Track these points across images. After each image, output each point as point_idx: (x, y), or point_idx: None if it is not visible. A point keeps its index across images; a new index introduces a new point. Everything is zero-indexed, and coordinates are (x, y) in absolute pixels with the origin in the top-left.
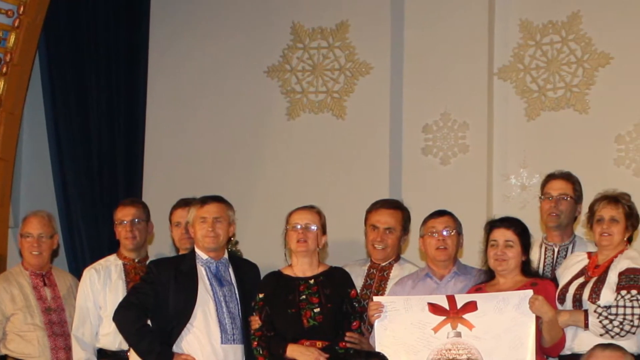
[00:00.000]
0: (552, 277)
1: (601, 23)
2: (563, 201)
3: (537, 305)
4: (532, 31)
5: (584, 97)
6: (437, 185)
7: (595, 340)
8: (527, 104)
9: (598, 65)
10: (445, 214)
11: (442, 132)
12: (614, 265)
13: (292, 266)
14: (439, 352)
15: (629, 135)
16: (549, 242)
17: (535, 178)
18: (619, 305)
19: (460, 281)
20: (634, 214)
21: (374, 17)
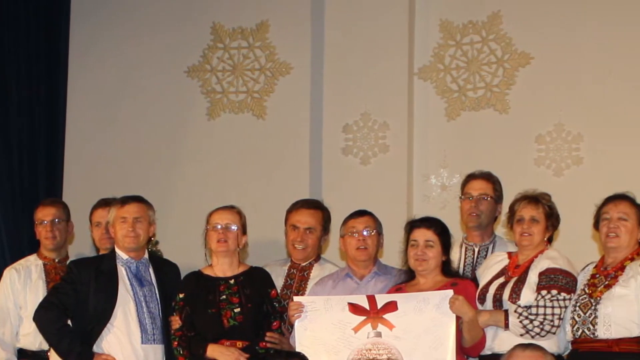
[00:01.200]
0: (473, 277)
1: (521, 23)
2: (483, 201)
3: (457, 305)
4: (452, 31)
5: (504, 97)
6: (357, 185)
7: (516, 340)
8: (447, 103)
9: (518, 65)
10: (365, 214)
11: (363, 132)
12: (534, 265)
13: (212, 266)
14: (359, 352)
15: (549, 135)
16: (469, 242)
17: (455, 178)
18: (539, 305)
19: (381, 281)
20: (554, 214)
21: (294, 17)
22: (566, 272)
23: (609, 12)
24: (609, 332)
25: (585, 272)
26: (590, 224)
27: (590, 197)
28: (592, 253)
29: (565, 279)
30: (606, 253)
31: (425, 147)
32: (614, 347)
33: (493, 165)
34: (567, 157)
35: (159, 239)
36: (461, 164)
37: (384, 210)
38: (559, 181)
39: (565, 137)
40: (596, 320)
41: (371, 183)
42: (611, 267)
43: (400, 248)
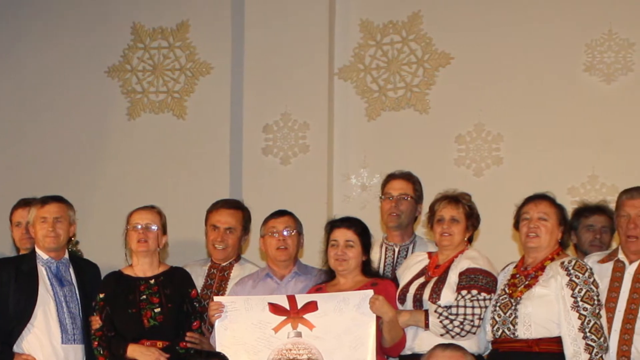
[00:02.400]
0: (393, 277)
1: (441, 23)
2: (403, 201)
3: (377, 305)
4: (372, 31)
5: (425, 97)
6: (277, 185)
7: (436, 340)
8: (367, 103)
9: (438, 65)
10: (285, 214)
11: (283, 132)
12: (454, 265)
13: (132, 266)
14: (279, 352)
15: (469, 136)
16: (390, 242)
17: (375, 178)
18: (459, 305)
19: (301, 281)
20: (475, 214)
21: (214, 17)
22: (486, 272)
23: (528, 13)
24: (529, 332)
25: (506, 272)
26: (510, 224)
27: (510, 197)
28: (512, 253)
29: (485, 279)
30: (526, 253)
31: (346, 147)
32: (534, 347)
33: (413, 165)
34: (487, 157)
35: (79, 239)
36: (381, 164)
37: (304, 210)
38: (479, 181)
39: (485, 137)
40: (516, 320)
41: (291, 183)
42: (531, 267)
43: (320, 248)
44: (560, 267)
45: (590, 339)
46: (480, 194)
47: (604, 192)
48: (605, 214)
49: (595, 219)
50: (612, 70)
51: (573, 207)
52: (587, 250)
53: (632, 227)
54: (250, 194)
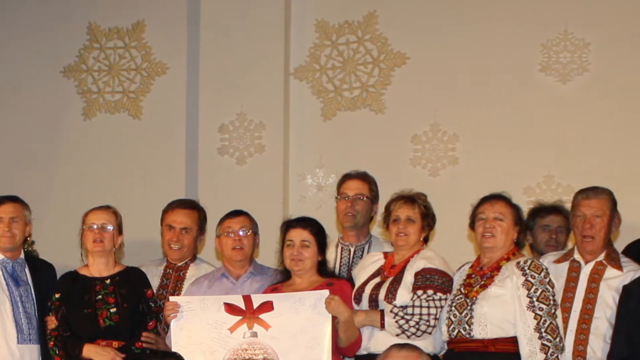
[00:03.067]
0: (349, 277)
1: (397, 23)
2: (359, 201)
3: (333, 305)
4: (328, 31)
5: (380, 97)
6: (233, 185)
7: (392, 340)
8: (323, 103)
9: (394, 65)
10: (241, 214)
11: (239, 132)
12: (410, 265)
13: (88, 266)
14: (235, 352)
15: (425, 136)
16: (345, 242)
17: (331, 178)
18: (415, 305)
19: (257, 281)
20: (430, 214)
21: (170, 17)
22: (442, 272)
23: (484, 13)
24: (485, 332)
25: (461, 272)
26: (466, 224)
27: (466, 197)
28: (468, 253)
29: (441, 279)
30: (482, 253)
31: (301, 147)
32: (489, 347)
33: (369, 165)
34: (442, 157)
35: (34, 239)
36: (337, 164)
37: (259, 210)
38: (435, 181)
39: (441, 137)
40: (472, 320)
41: (247, 183)
42: (487, 267)
43: (276, 248)
44: (516, 267)
45: (546, 339)
46: (436, 194)
47: (560, 192)
48: (561, 214)
49: (551, 219)
50: (568, 70)
51: (529, 207)
52: (542, 250)
53: (587, 227)
54: (206, 194)
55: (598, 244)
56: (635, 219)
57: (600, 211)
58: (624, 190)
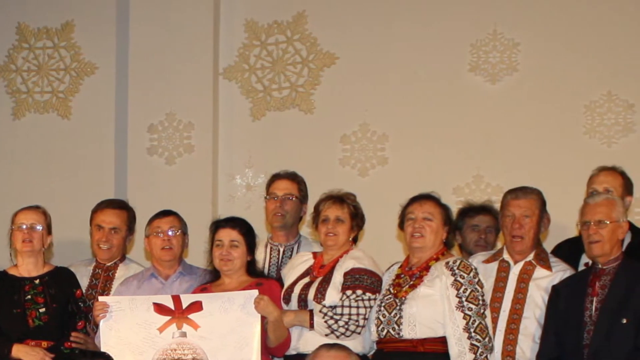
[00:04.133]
0: (278, 277)
1: (326, 23)
2: (288, 201)
3: (262, 305)
4: (257, 31)
5: (310, 97)
6: (162, 185)
7: (321, 340)
8: (252, 104)
9: (323, 65)
10: (170, 214)
11: (168, 132)
12: (339, 265)
13: (17, 266)
14: (164, 352)
15: (355, 136)
16: (274, 242)
17: (260, 178)
18: (344, 305)
19: (186, 281)
20: (360, 214)
21: (99, 17)
22: (371, 272)
23: (413, 13)
24: (414, 332)
25: (390, 272)
26: (395, 224)
27: (395, 197)
28: (397, 253)
29: (370, 279)
30: (411, 253)
31: (231, 147)
32: (418, 347)
33: (298, 165)
34: (372, 157)
35: None
36: (266, 164)
37: (189, 210)
38: (364, 181)
39: (370, 137)
40: (401, 320)
41: (176, 183)
42: (416, 267)
43: (205, 248)
44: (445, 267)
45: (475, 339)
46: (366, 194)
47: (489, 192)
48: (490, 214)
49: (480, 219)
50: (497, 70)
51: (458, 207)
52: (472, 250)
53: (516, 227)
54: (135, 194)
55: (527, 244)
56: (564, 219)
57: (530, 211)
58: (553, 190)
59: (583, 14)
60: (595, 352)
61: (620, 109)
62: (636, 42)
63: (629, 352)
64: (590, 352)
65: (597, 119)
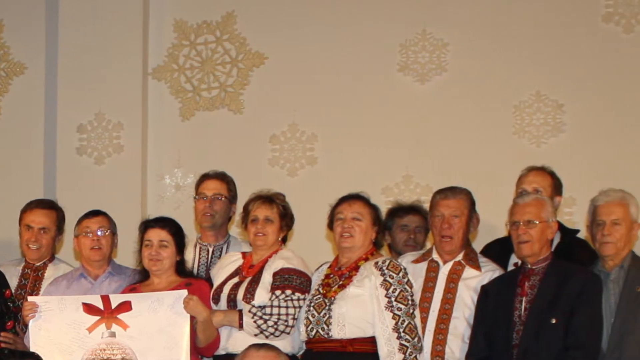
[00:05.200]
0: (207, 277)
1: (255, 23)
2: (217, 201)
3: (191, 305)
4: (186, 31)
5: (239, 97)
6: (92, 185)
7: (250, 340)
8: (181, 104)
9: (252, 65)
10: (99, 214)
11: (97, 132)
12: (268, 265)
13: None
14: (93, 352)
15: (284, 136)
16: (204, 242)
17: (189, 178)
18: (273, 305)
19: (115, 281)
20: (289, 214)
21: (28, 16)
22: (300, 272)
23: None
24: (343, 332)
25: (320, 272)
26: (324, 224)
27: (324, 197)
28: (327, 253)
29: (299, 279)
30: (340, 253)
31: (160, 147)
32: (348, 347)
33: (227, 165)
34: (301, 157)
35: None
36: (195, 164)
37: (118, 210)
38: (293, 181)
39: (299, 137)
40: (330, 320)
41: (105, 183)
42: (345, 267)
43: (134, 248)
44: (375, 267)
45: (404, 339)
46: (295, 193)
47: (418, 192)
48: (419, 214)
49: (409, 219)
50: (426, 70)
51: (387, 207)
52: (401, 250)
53: (446, 227)
54: (64, 194)
55: (456, 244)
56: (493, 219)
57: (459, 211)
58: (482, 190)
59: (512, 14)
60: (525, 351)
61: (549, 109)
62: (565, 42)
63: (557, 352)
64: (519, 351)
65: (526, 119)
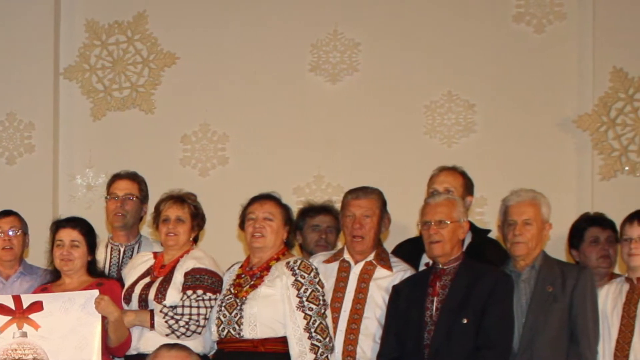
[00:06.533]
0: (118, 277)
1: (167, 23)
2: (129, 201)
3: (102, 305)
4: (97, 31)
5: (150, 97)
6: (3, 186)
7: (161, 340)
8: (93, 103)
9: (164, 65)
10: (10, 214)
11: (8, 132)
12: (179, 265)
13: None
14: (4, 352)
15: (195, 136)
16: (115, 242)
17: (101, 178)
18: (184, 305)
19: (26, 281)
20: (200, 214)
21: None
22: (212, 272)
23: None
24: (255, 332)
25: (231, 272)
26: (236, 224)
27: (236, 197)
28: (238, 253)
29: (210, 279)
30: (252, 253)
31: (71, 147)
32: (259, 347)
33: (139, 165)
34: (212, 157)
35: None
36: (107, 164)
37: (29, 210)
38: (205, 181)
39: (210, 137)
40: (242, 320)
41: (17, 183)
42: (257, 267)
43: (46, 248)
44: (286, 267)
45: (315, 339)
46: (206, 193)
47: (330, 192)
48: (330, 214)
49: (320, 219)
50: (338, 70)
51: (298, 207)
52: (312, 250)
53: (357, 227)
54: None
55: (367, 244)
56: (404, 219)
57: (370, 211)
58: (393, 190)
59: (424, 14)
60: (436, 351)
61: (460, 109)
62: (477, 42)
63: (469, 352)
64: (430, 351)
65: (437, 118)
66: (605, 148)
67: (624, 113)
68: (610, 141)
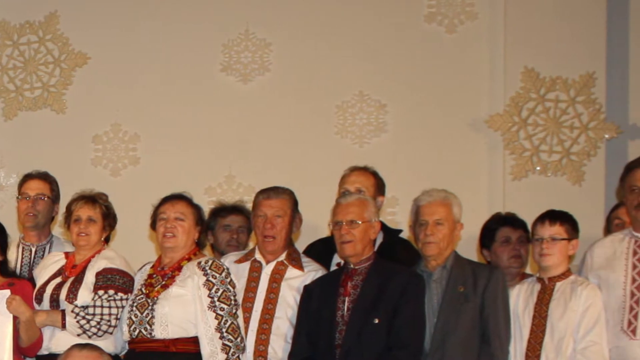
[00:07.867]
0: (30, 277)
1: (78, 23)
2: (40, 201)
3: (14, 305)
4: (9, 31)
5: (61, 97)
6: None
7: (73, 340)
8: (4, 103)
9: (75, 65)
10: None
11: None
12: (91, 265)
13: None
14: None
15: (106, 136)
16: (26, 242)
17: (12, 178)
18: (96, 305)
19: None
20: (111, 213)
21: None
22: (123, 272)
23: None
24: (166, 332)
25: (143, 272)
26: (147, 224)
27: (147, 197)
28: (150, 253)
29: (122, 279)
30: (163, 253)
31: None
32: (171, 347)
33: (50, 165)
34: (124, 157)
35: None
36: (18, 164)
37: None
38: (116, 181)
39: (122, 137)
40: (153, 320)
41: None
42: (168, 267)
43: None
44: (197, 267)
45: (227, 339)
46: (118, 193)
47: (241, 192)
48: (242, 214)
49: (232, 219)
50: (249, 70)
51: (210, 207)
52: (224, 250)
53: (268, 227)
54: None
55: (279, 244)
56: (316, 219)
57: (281, 211)
58: (305, 190)
59: (335, 14)
60: (347, 351)
61: (372, 109)
62: (388, 42)
63: (380, 352)
64: (342, 351)
65: (349, 118)
66: (516, 148)
67: (535, 113)
68: (522, 141)
